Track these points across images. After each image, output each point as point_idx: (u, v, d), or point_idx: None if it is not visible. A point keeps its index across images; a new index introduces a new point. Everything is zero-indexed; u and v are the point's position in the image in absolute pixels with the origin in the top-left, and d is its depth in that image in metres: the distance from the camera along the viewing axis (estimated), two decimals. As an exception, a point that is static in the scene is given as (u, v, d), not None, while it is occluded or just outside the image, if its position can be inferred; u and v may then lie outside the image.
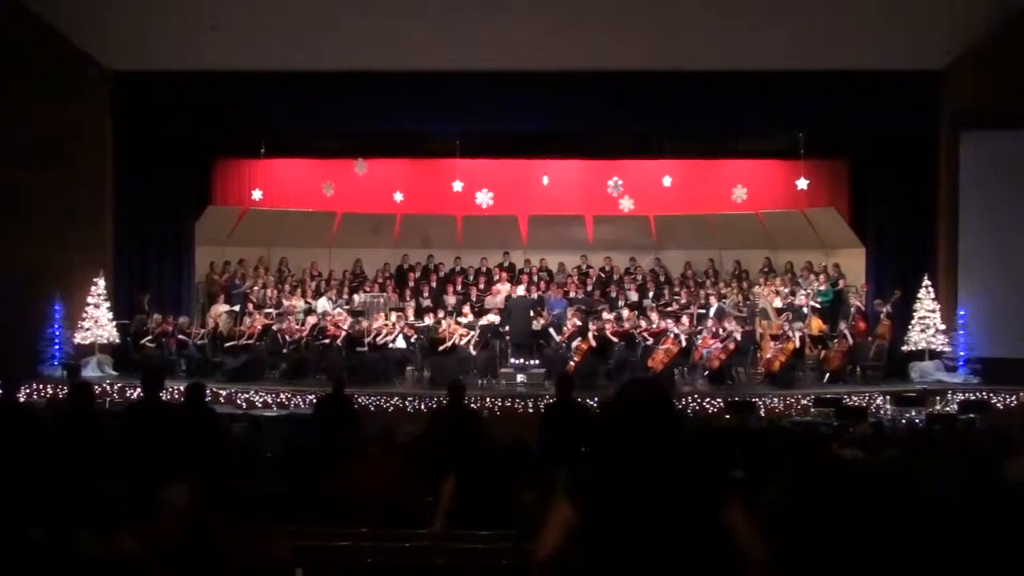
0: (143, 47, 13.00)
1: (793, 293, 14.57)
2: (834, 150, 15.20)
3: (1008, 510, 3.51)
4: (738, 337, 12.89)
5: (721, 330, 13.06)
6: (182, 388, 7.12)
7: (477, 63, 13.22)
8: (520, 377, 12.72)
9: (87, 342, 13.09)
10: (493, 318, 14.00)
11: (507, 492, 4.73)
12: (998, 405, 11.65)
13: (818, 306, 14.19)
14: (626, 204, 15.77)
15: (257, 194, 15.20)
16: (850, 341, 13.15)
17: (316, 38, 12.48)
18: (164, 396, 9.23)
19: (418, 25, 12.16)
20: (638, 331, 13.34)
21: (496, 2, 11.79)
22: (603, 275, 16.26)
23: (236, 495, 3.62)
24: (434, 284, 15.97)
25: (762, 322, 13.88)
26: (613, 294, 15.36)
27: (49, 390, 11.86)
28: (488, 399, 11.51)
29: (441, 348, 12.96)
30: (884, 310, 13.42)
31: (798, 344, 12.94)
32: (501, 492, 4.69)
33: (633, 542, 2.37)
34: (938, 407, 11.66)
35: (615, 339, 13.06)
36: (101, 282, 13.27)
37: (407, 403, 11.51)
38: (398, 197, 15.50)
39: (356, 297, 15.22)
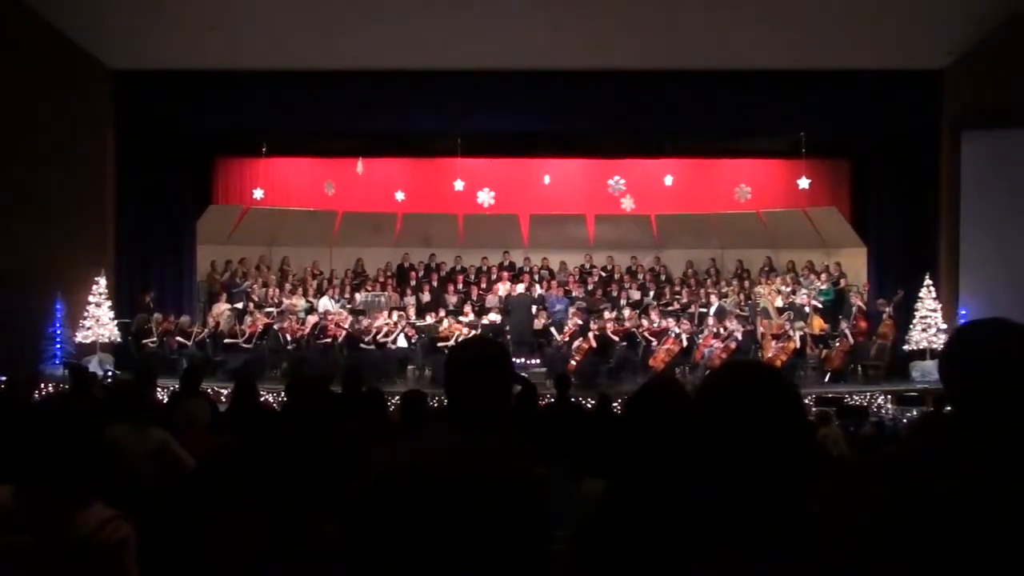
0: (144, 46, 12.99)
1: (794, 292, 14.57)
2: (836, 150, 15.20)
3: None
4: (739, 336, 12.90)
5: (722, 329, 13.08)
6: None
7: (479, 62, 13.22)
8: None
9: (88, 341, 13.10)
10: (494, 317, 14.02)
11: None
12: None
13: (819, 305, 14.19)
14: (627, 203, 15.76)
15: (258, 193, 15.21)
16: (851, 340, 13.16)
17: (317, 37, 12.48)
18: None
19: (419, 25, 12.16)
20: (639, 330, 13.36)
21: (497, 1, 11.79)
22: (604, 274, 16.27)
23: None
24: (435, 283, 15.98)
25: (763, 321, 13.88)
26: (614, 293, 15.36)
27: (50, 389, 11.85)
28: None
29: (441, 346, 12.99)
30: (887, 310, 13.42)
31: (799, 343, 12.95)
32: None
33: None
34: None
35: (616, 338, 13.07)
36: (102, 281, 13.28)
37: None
38: (399, 196, 15.51)
39: (357, 296, 15.23)
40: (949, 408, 6.40)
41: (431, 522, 1.94)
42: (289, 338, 13.39)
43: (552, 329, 13.65)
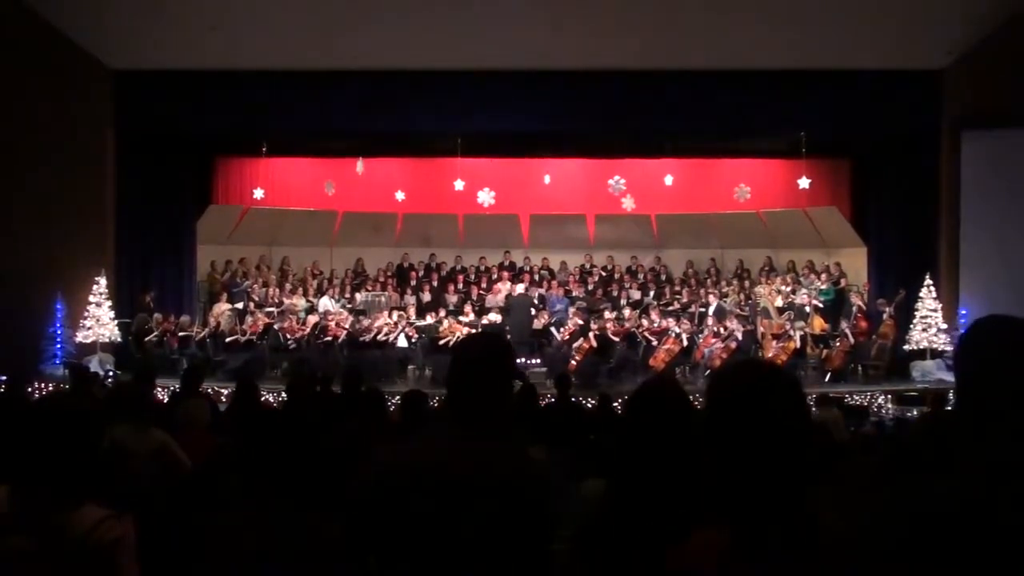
0: (144, 46, 12.99)
1: (794, 292, 14.57)
2: (836, 149, 15.19)
3: None
4: (739, 336, 12.90)
5: (723, 329, 13.07)
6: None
7: (479, 62, 13.22)
8: (521, 376, 12.68)
9: (89, 341, 13.11)
10: (494, 317, 14.01)
11: None
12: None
13: (820, 305, 14.19)
14: (628, 203, 15.75)
15: (258, 193, 15.20)
16: (851, 340, 13.16)
17: (317, 37, 12.48)
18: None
19: (419, 24, 12.16)
20: (639, 330, 13.35)
21: (497, 1, 11.78)
22: (604, 274, 16.27)
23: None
24: (435, 283, 15.98)
25: (763, 321, 13.89)
26: (615, 293, 15.37)
27: (51, 388, 11.86)
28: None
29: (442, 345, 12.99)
30: (888, 310, 13.41)
31: (799, 343, 12.95)
32: None
33: None
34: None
35: (616, 338, 13.07)
36: (103, 280, 13.28)
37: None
38: (399, 196, 15.50)
39: (358, 296, 15.24)
40: (949, 408, 6.35)
41: (432, 522, 1.94)
42: (289, 338, 13.40)
43: (552, 329, 13.65)
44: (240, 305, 14.66)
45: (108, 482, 2.63)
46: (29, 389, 11.61)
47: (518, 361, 13.35)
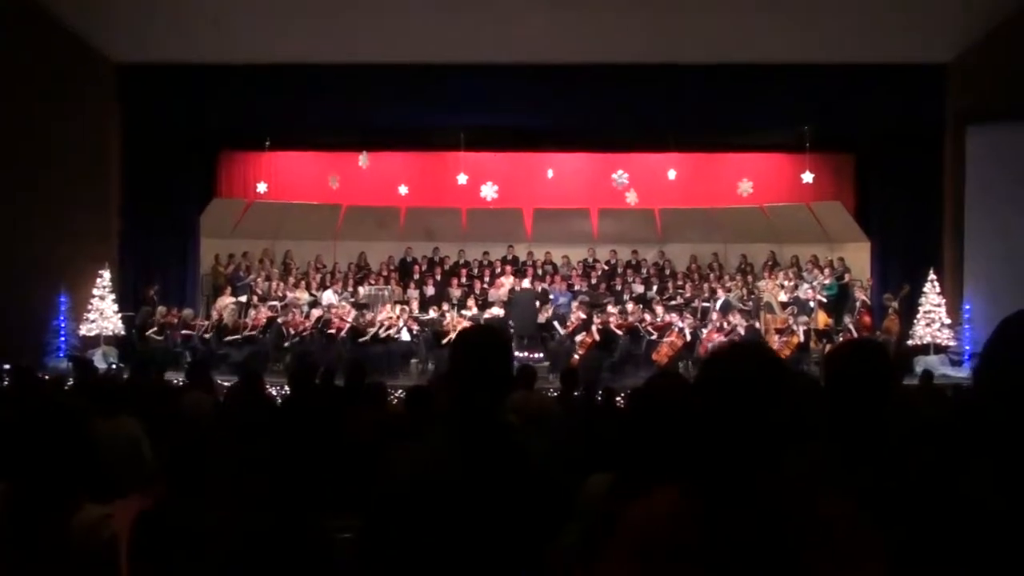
0: (148, 40, 13.00)
1: (797, 287, 14.54)
2: (840, 144, 15.15)
3: None
4: (742, 331, 12.88)
5: (726, 324, 13.06)
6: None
7: (482, 56, 13.21)
8: (524, 370, 12.70)
9: (92, 334, 13.16)
10: (497, 311, 14.02)
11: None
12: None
13: (824, 300, 14.17)
14: (631, 197, 15.72)
15: (262, 187, 15.18)
16: (855, 335, 13.13)
17: (320, 31, 12.48)
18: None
19: (422, 18, 12.16)
20: (643, 324, 13.35)
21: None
22: (607, 268, 16.25)
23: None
24: (438, 277, 15.98)
25: (767, 316, 13.87)
26: (618, 287, 15.36)
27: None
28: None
29: (445, 341, 12.99)
30: (893, 305, 13.38)
31: (803, 338, 12.94)
32: None
33: None
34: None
35: (620, 333, 13.07)
36: (107, 274, 13.33)
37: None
38: (403, 190, 15.50)
39: (360, 290, 15.23)
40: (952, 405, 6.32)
41: (441, 524, 1.95)
42: (292, 331, 13.42)
43: (555, 323, 13.66)
44: (244, 299, 14.66)
45: (94, 475, 2.62)
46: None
47: (522, 355, 13.40)
